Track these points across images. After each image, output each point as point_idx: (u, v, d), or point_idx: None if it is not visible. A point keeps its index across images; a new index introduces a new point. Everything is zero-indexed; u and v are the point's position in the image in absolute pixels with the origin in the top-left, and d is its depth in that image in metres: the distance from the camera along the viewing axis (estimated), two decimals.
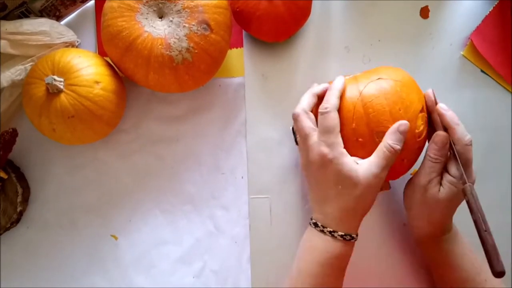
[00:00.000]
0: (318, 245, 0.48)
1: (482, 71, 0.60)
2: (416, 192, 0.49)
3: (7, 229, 0.58)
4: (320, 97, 0.50)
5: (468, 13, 0.61)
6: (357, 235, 0.49)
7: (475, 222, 0.44)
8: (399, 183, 0.59)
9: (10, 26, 0.54)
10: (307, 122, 0.49)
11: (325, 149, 0.47)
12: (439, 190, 0.48)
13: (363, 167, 0.47)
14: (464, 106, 0.60)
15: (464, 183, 0.46)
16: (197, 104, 0.61)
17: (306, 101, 0.50)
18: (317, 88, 0.51)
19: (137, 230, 0.60)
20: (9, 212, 0.57)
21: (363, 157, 0.48)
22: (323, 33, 0.62)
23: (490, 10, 0.59)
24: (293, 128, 0.53)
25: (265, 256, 0.58)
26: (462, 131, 0.47)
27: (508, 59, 0.59)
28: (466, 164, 0.47)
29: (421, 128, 0.48)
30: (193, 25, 0.50)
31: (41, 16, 0.58)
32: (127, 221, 0.60)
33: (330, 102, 0.47)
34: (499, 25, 0.59)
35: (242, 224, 0.59)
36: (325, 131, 0.47)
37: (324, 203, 0.49)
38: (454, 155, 0.47)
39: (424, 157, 0.49)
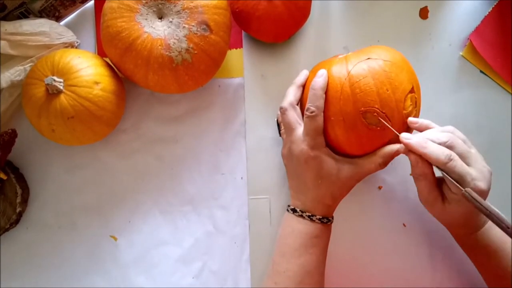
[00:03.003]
0: (299, 228, 0.50)
1: (481, 71, 0.60)
2: (431, 208, 0.49)
3: (7, 230, 0.58)
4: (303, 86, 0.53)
5: (467, 13, 0.61)
6: (333, 218, 0.52)
7: (493, 222, 0.43)
8: (398, 184, 0.59)
9: (9, 26, 0.54)
10: (294, 116, 0.51)
11: (309, 148, 0.49)
12: (450, 204, 0.46)
13: (345, 167, 0.49)
14: (463, 107, 0.60)
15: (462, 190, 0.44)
16: (196, 104, 0.61)
17: (293, 94, 0.52)
18: (299, 80, 0.53)
19: (137, 230, 0.60)
20: (9, 213, 0.57)
21: (345, 137, 0.48)
22: (323, 33, 0.62)
23: (489, 10, 0.60)
24: (277, 120, 0.56)
25: (264, 256, 0.58)
26: (435, 153, 0.44)
27: (507, 60, 0.59)
28: (460, 177, 0.43)
29: (410, 109, 0.48)
30: (193, 25, 0.50)
31: (41, 16, 0.58)
32: (127, 221, 0.60)
33: (317, 104, 0.48)
34: (498, 26, 0.59)
35: (242, 225, 0.60)
36: (313, 133, 0.49)
37: (303, 191, 0.51)
38: (443, 173, 0.45)
39: (414, 178, 0.48)
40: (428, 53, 0.61)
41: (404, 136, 0.46)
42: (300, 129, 0.50)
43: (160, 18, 0.51)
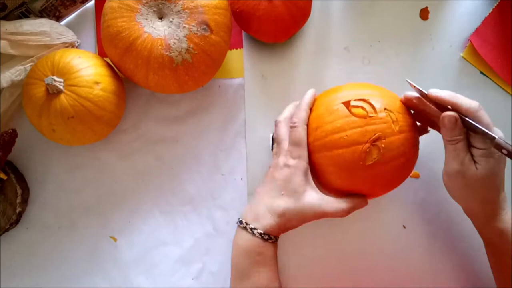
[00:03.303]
0: (243, 246, 0.49)
1: (481, 72, 0.60)
2: (455, 180, 0.47)
3: (7, 230, 0.58)
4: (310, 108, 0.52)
5: (468, 14, 0.61)
6: (277, 239, 0.50)
7: None
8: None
9: (10, 26, 0.54)
10: (284, 130, 0.52)
11: (289, 156, 0.49)
12: (476, 168, 0.45)
13: (311, 193, 0.49)
14: None
15: (493, 139, 0.43)
16: (196, 104, 0.61)
17: (288, 111, 0.53)
18: (304, 100, 0.52)
19: (137, 231, 0.60)
20: (9, 213, 0.57)
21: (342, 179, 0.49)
22: (323, 34, 0.62)
23: (490, 11, 0.59)
24: (272, 136, 0.55)
25: None
26: (466, 101, 0.45)
27: (507, 61, 0.59)
28: (488, 128, 0.44)
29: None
30: (193, 26, 0.50)
31: (41, 16, 0.58)
32: (127, 221, 0.60)
33: (298, 116, 0.50)
34: (499, 27, 0.59)
35: None
36: (293, 144, 0.50)
37: (262, 198, 0.50)
38: (471, 127, 0.45)
39: (444, 144, 0.47)
40: (428, 54, 0.61)
41: (432, 90, 0.46)
42: (286, 143, 0.51)
43: (161, 18, 0.51)
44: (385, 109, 0.47)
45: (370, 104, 0.47)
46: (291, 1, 0.54)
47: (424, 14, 0.62)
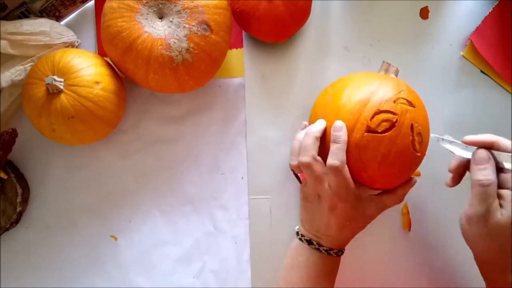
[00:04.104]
0: (313, 260, 0.50)
1: (481, 71, 0.60)
2: (476, 225, 0.44)
3: (7, 229, 0.58)
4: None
5: (468, 13, 0.61)
6: (344, 249, 0.53)
7: None
8: None
9: (10, 26, 0.54)
10: (319, 169, 0.48)
11: (339, 201, 0.48)
12: (502, 215, 0.42)
13: (370, 206, 0.50)
14: (464, 107, 0.60)
15: None
16: (197, 104, 0.61)
17: (314, 148, 0.48)
18: (317, 130, 0.49)
19: (137, 230, 0.60)
20: (9, 212, 0.57)
21: (386, 173, 0.48)
22: (323, 33, 0.62)
23: (490, 10, 0.60)
24: (291, 167, 0.52)
25: (264, 256, 0.58)
26: (505, 141, 0.44)
27: (507, 60, 0.59)
28: None
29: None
30: (193, 25, 0.50)
31: (41, 16, 0.58)
32: (127, 221, 0.60)
33: (341, 159, 0.46)
34: (499, 26, 0.59)
35: (242, 225, 0.60)
36: (339, 186, 0.47)
37: (322, 230, 0.51)
38: (501, 168, 0.43)
39: (472, 185, 0.44)
40: (429, 53, 0.61)
41: (468, 138, 0.47)
42: (327, 182, 0.48)
43: (161, 18, 0.51)
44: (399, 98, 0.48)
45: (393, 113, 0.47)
46: (291, 1, 0.54)
47: (424, 13, 0.62)
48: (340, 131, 0.47)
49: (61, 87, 0.51)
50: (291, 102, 0.60)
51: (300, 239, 0.52)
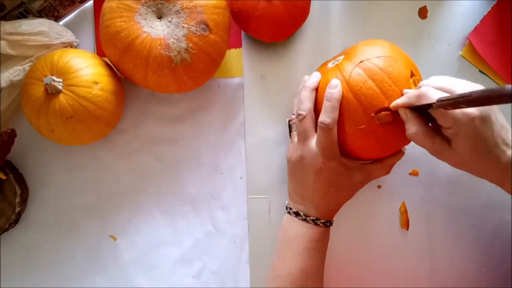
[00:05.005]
0: (302, 232, 0.51)
1: (480, 71, 0.60)
2: (442, 157, 0.46)
3: (6, 230, 0.58)
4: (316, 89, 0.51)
5: (467, 13, 0.61)
6: (333, 221, 0.53)
7: (485, 103, 0.36)
8: (398, 183, 0.60)
9: (8, 26, 0.53)
10: (310, 124, 0.50)
11: (324, 159, 0.49)
12: (454, 142, 0.43)
13: (355, 174, 0.50)
14: None
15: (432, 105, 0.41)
16: (196, 104, 0.61)
17: (310, 100, 0.50)
18: (313, 83, 0.51)
19: (137, 231, 0.60)
20: (8, 213, 0.57)
21: (368, 144, 0.48)
22: (322, 33, 0.62)
23: (489, 10, 0.60)
24: (289, 121, 0.55)
25: (264, 256, 0.58)
26: (411, 98, 0.44)
27: (506, 59, 0.59)
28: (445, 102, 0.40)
29: None
30: (192, 25, 0.50)
31: (40, 16, 0.58)
32: (127, 221, 0.60)
33: (332, 116, 0.47)
34: (498, 25, 0.59)
35: (241, 224, 0.60)
36: (326, 146, 0.48)
37: (309, 197, 0.51)
38: (423, 110, 0.44)
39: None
40: (427, 53, 0.61)
41: (395, 104, 0.46)
42: (315, 138, 0.50)
43: (159, 17, 0.51)
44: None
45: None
46: (290, 1, 0.54)
47: (423, 13, 0.62)
48: (334, 88, 0.47)
49: (60, 87, 0.51)
50: (289, 102, 0.60)
51: (289, 212, 0.53)
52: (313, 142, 0.50)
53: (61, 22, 0.62)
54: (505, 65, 0.59)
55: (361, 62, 0.48)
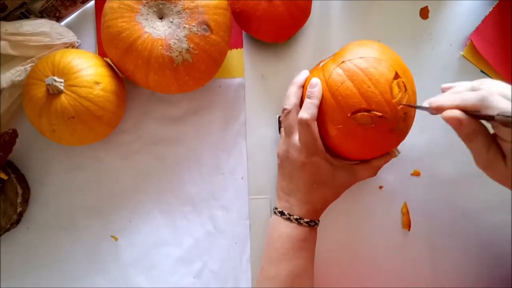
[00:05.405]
0: (286, 232, 0.51)
1: (482, 71, 0.60)
2: (492, 170, 0.41)
3: (7, 230, 0.58)
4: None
5: (468, 13, 0.61)
6: (319, 221, 0.52)
7: None
8: (399, 183, 0.59)
9: (10, 27, 0.54)
10: (295, 119, 0.51)
11: (307, 154, 0.49)
12: (506, 164, 0.39)
13: (341, 173, 0.51)
14: None
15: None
16: (197, 104, 0.61)
17: (296, 96, 0.52)
18: (300, 80, 0.53)
19: (137, 231, 0.60)
20: (9, 213, 0.57)
21: (350, 144, 0.49)
22: (323, 33, 0.62)
23: (490, 10, 0.59)
24: (279, 118, 0.56)
25: None
26: (468, 100, 0.38)
27: (508, 59, 0.59)
28: (504, 113, 0.35)
29: (399, 95, 0.47)
30: (193, 26, 0.50)
31: (41, 17, 0.58)
32: (127, 221, 0.60)
33: (310, 112, 0.49)
34: (499, 25, 0.59)
35: (242, 225, 0.60)
36: (307, 141, 0.49)
37: (294, 194, 0.51)
38: (486, 118, 0.38)
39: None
40: (429, 53, 0.61)
41: (432, 100, 0.41)
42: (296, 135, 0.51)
43: (161, 18, 0.51)
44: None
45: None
46: (291, 1, 0.54)
47: (424, 13, 0.62)
48: (314, 87, 0.49)
49: (61, 87, 0.51)
50: None
51: (275, 212, 0.53)
52: (297, 137, 0.51)
53: (63, 23, 0.62)
54: (507, 65, 0.59)
55: (342, 62, 0.48)
